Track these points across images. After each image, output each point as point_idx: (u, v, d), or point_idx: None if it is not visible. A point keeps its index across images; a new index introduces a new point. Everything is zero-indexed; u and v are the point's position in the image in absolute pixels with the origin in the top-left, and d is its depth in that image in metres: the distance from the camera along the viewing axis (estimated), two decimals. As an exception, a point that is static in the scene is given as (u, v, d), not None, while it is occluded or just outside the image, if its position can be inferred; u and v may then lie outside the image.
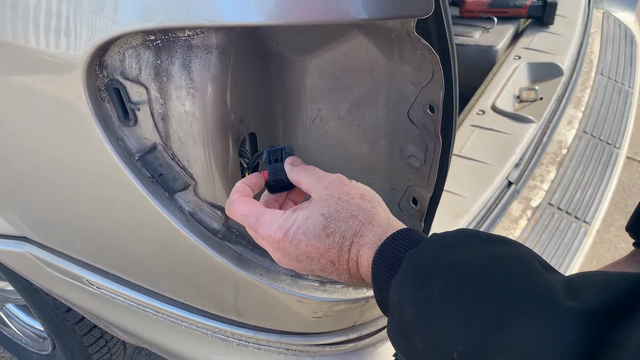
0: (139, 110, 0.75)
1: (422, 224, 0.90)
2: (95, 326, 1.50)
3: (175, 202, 0.82)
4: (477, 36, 2.14)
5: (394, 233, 0.61)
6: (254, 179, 0.74)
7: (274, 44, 0.77)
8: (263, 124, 0.84)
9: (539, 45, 2.06)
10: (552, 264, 0.71)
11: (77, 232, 1.02)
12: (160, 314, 1.08)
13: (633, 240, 1.02)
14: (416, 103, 0.76)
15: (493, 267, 0.50)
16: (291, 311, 0.91)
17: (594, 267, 2.37)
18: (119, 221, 0.90)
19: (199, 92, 0.70)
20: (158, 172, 0.80)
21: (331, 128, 0.87)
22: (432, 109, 0.74)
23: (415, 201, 0.89)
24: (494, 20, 2.15)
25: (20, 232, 1.16)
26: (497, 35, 2.11)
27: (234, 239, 0.86)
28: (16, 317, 1.89)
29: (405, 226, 0.64)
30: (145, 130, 0.77)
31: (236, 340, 1.06)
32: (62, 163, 0.88)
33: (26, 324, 1.84)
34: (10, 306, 1.91)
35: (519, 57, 2.00)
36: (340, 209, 0.63)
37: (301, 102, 0.83)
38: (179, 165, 0.79)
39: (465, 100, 1.85)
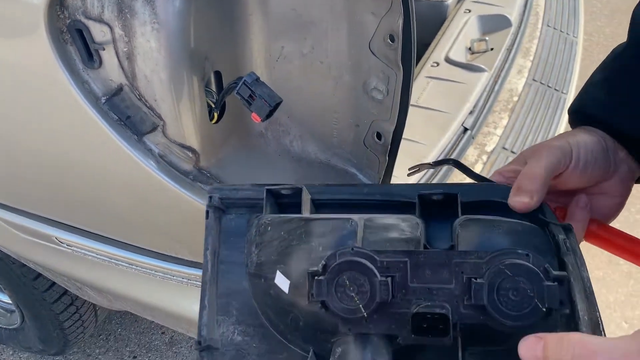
0: (104, 49, 0.75)
1: (387, 159, 0.93)
2: (65, 292, 1.49)
3: (144, 144, 0.83)
4: (428, -8, 2.18)
5: None
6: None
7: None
8: (228, 62, 0.85)
9: (488, -2, 2.11)
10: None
11: (43, 186, 1.01)
12: (134, 266, 1.09)
13: None
14: (377, 33, 0.78)
15: None
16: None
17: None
18: (88, 168, 0.90)
19: (164, 27, 0.71)
20: (125, 115, 0.80)
21: (295, 67, 0.89)
22: (392, 38, 0.77)
23: (379, 136, 0.92)
24: (443, -24, 2.18)
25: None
26: (448, -10, 2.15)
27: (205, 180, 0.88)
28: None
29: None
30: (111, 72, 0.77)
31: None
32: (24, 110, 0.86)
33: (-9, 298, 1.80)
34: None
35: (469, 11, 2.06)
36: None
37: (265, 40, 0.85)
38: (146, 105, 0.79)
39: (419, 54, 1.88)
